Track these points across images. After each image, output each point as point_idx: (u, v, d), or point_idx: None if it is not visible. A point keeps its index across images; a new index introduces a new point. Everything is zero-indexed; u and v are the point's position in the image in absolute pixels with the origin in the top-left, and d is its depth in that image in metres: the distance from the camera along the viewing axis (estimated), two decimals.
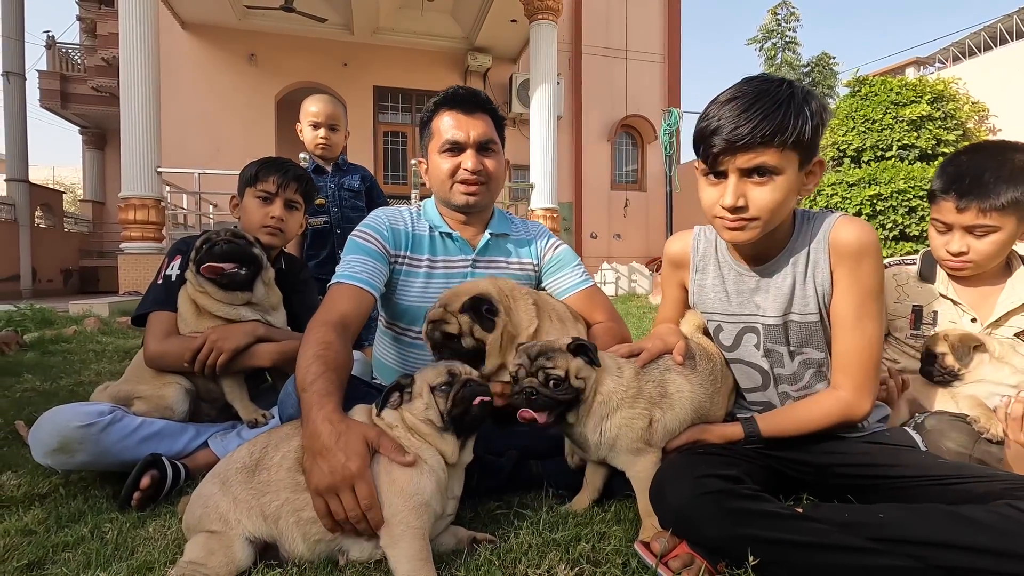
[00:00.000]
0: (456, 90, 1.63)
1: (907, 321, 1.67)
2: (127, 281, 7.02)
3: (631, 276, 9.83)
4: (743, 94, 1.14)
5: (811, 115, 1.12)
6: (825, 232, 1.24)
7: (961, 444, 1.28)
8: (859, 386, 1.23)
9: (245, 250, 1.66)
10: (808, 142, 1.14)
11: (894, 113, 7.09)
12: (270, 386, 1.86)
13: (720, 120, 1.14)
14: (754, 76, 1.20)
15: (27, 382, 2.72)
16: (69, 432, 1.38)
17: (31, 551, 1.14)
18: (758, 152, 1.12)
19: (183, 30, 10.38)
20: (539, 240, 1.77)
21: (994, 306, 1.56)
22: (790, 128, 1.10)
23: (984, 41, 13.72)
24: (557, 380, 1.17)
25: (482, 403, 1.12)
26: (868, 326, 1.22)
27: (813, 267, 1.25)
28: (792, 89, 1.14)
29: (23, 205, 11.58)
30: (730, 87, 1.19)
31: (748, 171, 1.15)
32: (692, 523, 1.05)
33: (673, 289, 1.52)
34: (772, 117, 1.10)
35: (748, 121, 1.11)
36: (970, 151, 1.58)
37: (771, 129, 1.10)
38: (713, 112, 1.17)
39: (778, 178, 1.15)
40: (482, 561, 1.08)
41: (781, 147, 1.12)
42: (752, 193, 1.16)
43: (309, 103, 2.79)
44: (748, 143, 1.11)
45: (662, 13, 13.06)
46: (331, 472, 1.03)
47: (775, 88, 1.14)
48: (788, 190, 1.16)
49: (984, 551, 0.91)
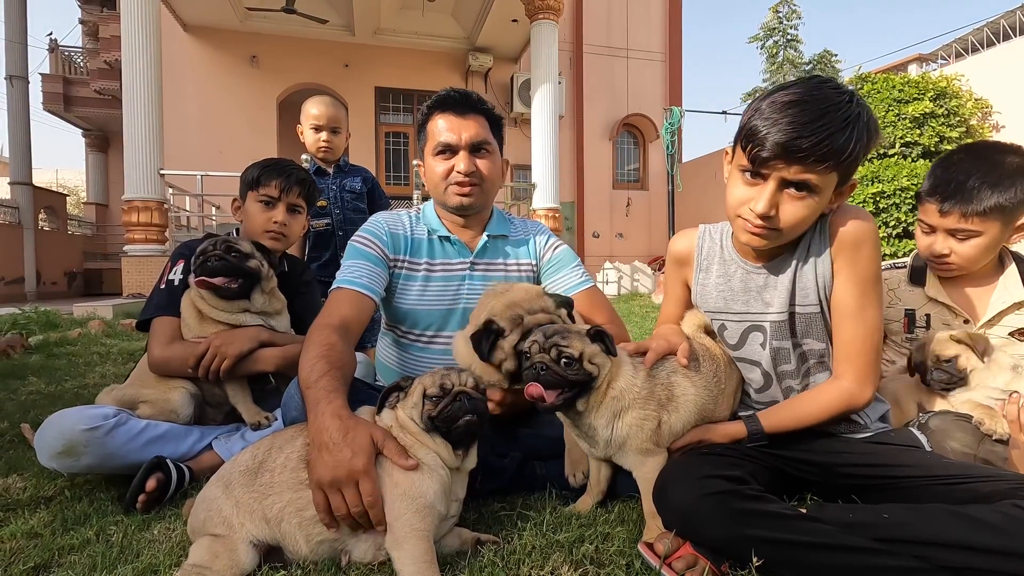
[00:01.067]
0: (449, 92, 1.63)
1: (900, 325, 1.66)
2: (131, 283, 7.06)
3: (633, 275, 9.82)
4: (809, 100, 1.07)
5: (867, 142, 1.08)
6: (824, 223, 1.23)
7: (966, 444, 1.28)
8: (861, 374, 1.23)
9: (237, 266, 1.64)
10: (852, 165, 1.10)
11: (897, 110, 7.06)
12: (274, 388, 1.86)
13: (779, 124, 1.06)
14: (820, 80, 1.13)
15: (32, 385, 2.74)
16: (74, 435, 1.39)
17: (37, 554, 1.15)
18: (809, 167, 1.07)
19: (185, 32, 10.42)
20: (538, 240, 1.77)
21: (987, 306, 1.56)
22: (848, 151, 1.06)
23: (987, 37, 13.66)
24: (570, 359, 1.16)
25: (468, 422, 1.10)
26: (869, 314, 1.22)
27: (814, 258, 1.24)
28: (860, 108, 1.08)
29: (27, 208, 11.63)
30: (792, 86, 1.12)
31: (789, 182, 1.11)
32: (696, 524, 1.05)
33: (676, 287, 1.52)
34: (836, 137, 1.04)
35: (813, 134, 1.04)
36: (963, 151, 1.57)
37: (832, 149, 1.04)
38: (771, 111, 1.09)
39: (815, 197, 1.12)
40: (486, 563, 1.09)
41: (832, 169, 1.08)
42: (785, 205, 1.13)
43: (310, 106, 2.80)
44: (803, 157, 1.06)
45: (663, 12, 13.04)
46: (336, 466, 1.03)
47: (844, 103, 1.07)
48: (819, 208, 1.15)
49: (989, 551, 0.90)
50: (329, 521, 1.06)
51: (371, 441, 1.08)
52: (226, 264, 1.63)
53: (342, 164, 2.89)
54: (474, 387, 1.15)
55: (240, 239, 1.73)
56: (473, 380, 1.17)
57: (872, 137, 1.09)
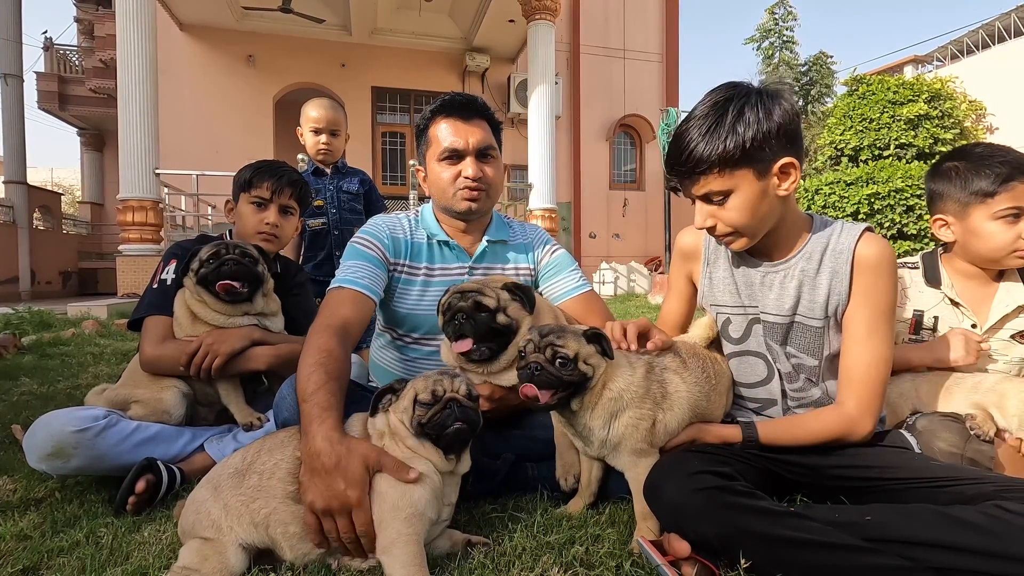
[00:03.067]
0: (453, 97, 1.62)
1: (907, 326, 1.66)
2: (125, 283, 7.03)
3: (630, 276, 9.85)
4: (679, 132, 1.21)
5: (747, 126, 1.13)
6: (850, 245, 1.25)
7: (952, 444, 1.29)
8: (863, 404, 1.23)
9: (251, 269, 1.67)
10: (751, 154, 1.15)
11: (891, 112, 7.11)
12: (266, 389, 1.86)
13: (668, 159, 1.22)
14: (709, 93, 1.22)
15: (24, 385, 2.73)
16: (64, 437, 1.38)
17: (26, 556, 1.14)
18: (703, 182, 1.18)
19: (181, 31, 10.37)
20: (536, 245, 1.78)
21: (990, 308, 1.56)
22: (717, 153, 1.14)
23: (982, 39, 13.72)
24: (564, 359, 1.17)
25: (457, 430, 1.10)
26: (877, 344, 1.23)
27: (830, 276, 1.26)
28: (727, 106, 1.16)
29: (21, 207, 11.58)
30: None
31: (703, 197, 1.21)
32: (686, 518, 1.06)
33: (680, 282, 1.53)
34: (696, 149, 1.16)
35: (679, 155, 1.18)
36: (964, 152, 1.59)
37: (695, 161, 1.16)
38: (673, 141, 1.23)
39: (732, 198, 1.19)
40: (475, 565, 1.09)
41: (719, 171, 1.16)
42: (719, 213, 1.23)
43: (310, 108, 2.80)
44: (686, 175, 1.18)
45: (660, 12, 13.05)
46: (329, 496, 1.03)
47: (709, 110, 1.18)
48: (751, 202, 1.19)
49: (973, 551, 0.91)
50: (320, 542, 1.06)
51: (364, 468, 1.07)
52: (243, 268, 1.65)
53: (340, 166, 2.90)
54: (466, 394, 1.15)
55: (245, 243, 1.74)
56: (466, 387, 1.16)
57: (754, 121, 1.13)
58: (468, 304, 1.32)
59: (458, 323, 1.32)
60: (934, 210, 1.66)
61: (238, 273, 1.64)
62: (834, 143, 7.55)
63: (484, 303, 1.32)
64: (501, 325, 1.33)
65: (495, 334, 1.34)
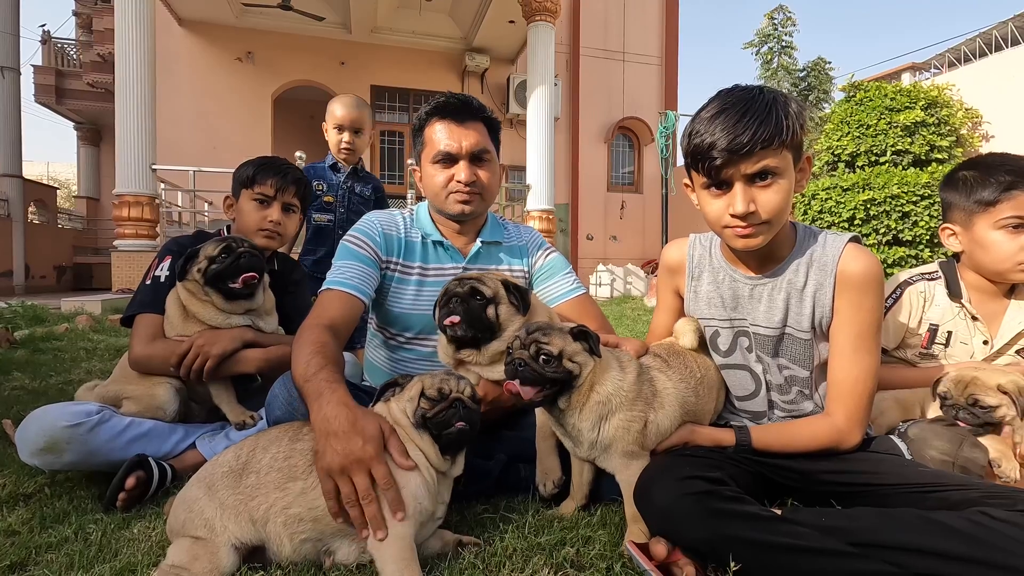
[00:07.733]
0: (449, 98, 1.62)
1: (920, 339, 1.64)
2: (120, 278, 7.01)
3: (627, 278, 9.85)
4: (730, 105, 1.17)
5: (796, 115, 1.17)
6: (834, 257, 1.25)
7: (944, 452, 1.29)
8: (851, 416, 1.25)
9: (262, 262, 1.69)
10: (799, 141, 1.19)
11: (888, 119, 7.14)
12: (259, 387, 1.85)
13: (715, 134, 1.16)
14: (731, 88, 1.23)
15: (16, 380, 2.71)
16: (57, 432, 1.38)
17: (14, 552, 1.14)
18: (760, 156, 1.15)
19: (180, 27, 10.33)
20: (531, 247, 1.78)
21: (1000, 325, 1.55)
22: (785, 129, 1.15)
23: (979, 47, 13.80)
24: (548, 356, 1.17)
25: (460, 430, 1.12)
26: (864, 358, 1.24)
27: (815, 288, 1.27)
28: (773, 94, 1.19)
29: (16, 201, 11.50)
30: (710, 102, 1.22)
31: (752, 176, 1.18)
32: (676, 523, 1.06)
33: (668, 295, 1.53)
34: (767, 122, 1.14)
35: (747, 128, 1.13)
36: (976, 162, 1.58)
37: (770, 132, 1.14)
38: (703, 128, 1.19)
39: (781, 179, 1.18)
40: (466, 565, 1.09)
41: (780, 148, 1.16)
42: (760, 197, 1.19)
43: (335, 106, 2.78)
44: (751, 149, 1.14)
45: (660, 16, 13.09)
46: (347, 453, 1.03)
47: (758, 95, 1.18)
48: (790, 189, 1.21)
49: (956, 558, 0.92)
50: (337, 509, 1.05)
51: (380, 430, 1.09)
52: (257, 261, 1.66)
53: (358, 168, 2.88)
54: (471, 397, 1.16)
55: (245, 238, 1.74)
56: (471, 389, 1.18)
57: (798, 113, 1.18)
58: (465, 290, 1.36)
59: (452, 306, 1.34)
60: (945, 219, 1.65)
61: (255, 265, 1.65)
62: (831, 149, 7.58)
63: (481, 291, 1.36)
64: (488, 319, 1.35)
65: (483, 326, 1.35)
